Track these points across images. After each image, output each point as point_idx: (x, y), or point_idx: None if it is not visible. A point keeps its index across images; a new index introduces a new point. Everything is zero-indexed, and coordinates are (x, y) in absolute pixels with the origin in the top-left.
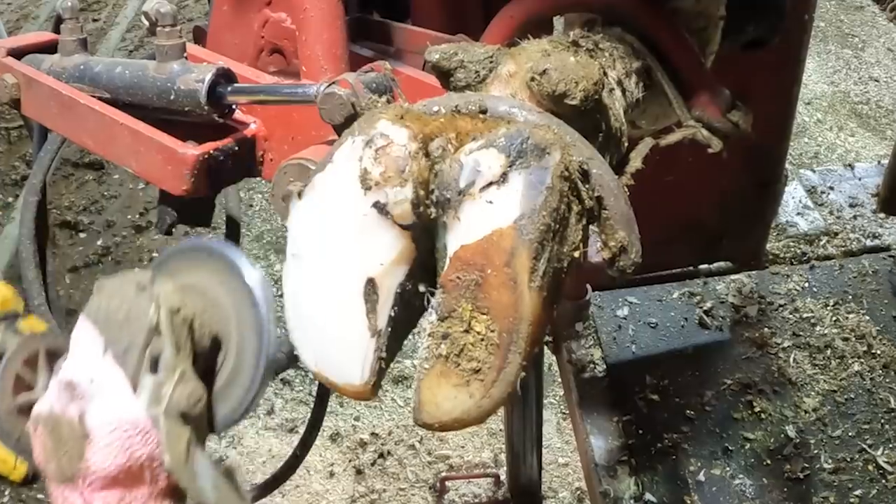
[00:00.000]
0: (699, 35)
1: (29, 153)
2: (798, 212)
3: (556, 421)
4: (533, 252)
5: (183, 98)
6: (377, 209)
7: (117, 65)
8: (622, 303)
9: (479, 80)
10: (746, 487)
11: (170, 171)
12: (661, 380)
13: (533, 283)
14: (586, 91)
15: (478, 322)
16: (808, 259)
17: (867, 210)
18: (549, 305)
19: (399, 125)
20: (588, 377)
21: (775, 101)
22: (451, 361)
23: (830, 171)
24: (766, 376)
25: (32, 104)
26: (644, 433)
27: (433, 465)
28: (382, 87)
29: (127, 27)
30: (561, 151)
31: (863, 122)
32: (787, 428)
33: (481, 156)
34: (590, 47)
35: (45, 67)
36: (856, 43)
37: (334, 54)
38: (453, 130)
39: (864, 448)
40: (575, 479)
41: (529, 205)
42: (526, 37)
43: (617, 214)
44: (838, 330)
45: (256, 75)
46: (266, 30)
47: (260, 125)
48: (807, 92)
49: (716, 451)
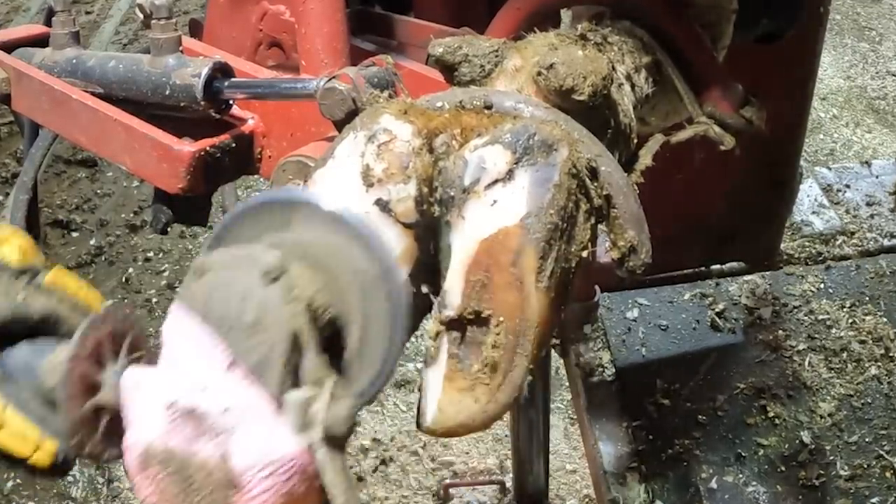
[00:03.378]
0: (711, 29)
1: (19, 150)
2: (813, 210)
3: (564, 426)
4: (540, 252)
5: (179, 93)
6: (379, 206)
7: (111, 59)
8: (632, 304)
9: (485, 74)
10: (760, 495)
11: (165, 168)
12: (671, 384)
13: (540, 283)
14: (594, 86)
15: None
16: (824, 259)
17: (885, 209)
18: (556, 307)
19: (402, 120)
20: (597, 381)
21: (789, 97)
22: (456, 365)
23: (846, 169)
24: (780, 380)
25: (23, 99)
26: (654, 439)
27: (437, 471)
28: (384, 81)
29: (121, 20)
30: (569, 148)
31: (880, 118)
32: (802, 433)
33: (486, 152)
34: (598, 41)
35: (37, 61)
36: (873, 36)
37: (335, 48)
38: (458, 126)
39: (881, 454)
40: (583, 487)
41: (536, 203)
42: (532, 30)
43: (626, 213)
44: (855, 332)
45: (254, 70)
46: (264, 23)
47: (258, 121)
48: (822, 87)
49: (728, 458)
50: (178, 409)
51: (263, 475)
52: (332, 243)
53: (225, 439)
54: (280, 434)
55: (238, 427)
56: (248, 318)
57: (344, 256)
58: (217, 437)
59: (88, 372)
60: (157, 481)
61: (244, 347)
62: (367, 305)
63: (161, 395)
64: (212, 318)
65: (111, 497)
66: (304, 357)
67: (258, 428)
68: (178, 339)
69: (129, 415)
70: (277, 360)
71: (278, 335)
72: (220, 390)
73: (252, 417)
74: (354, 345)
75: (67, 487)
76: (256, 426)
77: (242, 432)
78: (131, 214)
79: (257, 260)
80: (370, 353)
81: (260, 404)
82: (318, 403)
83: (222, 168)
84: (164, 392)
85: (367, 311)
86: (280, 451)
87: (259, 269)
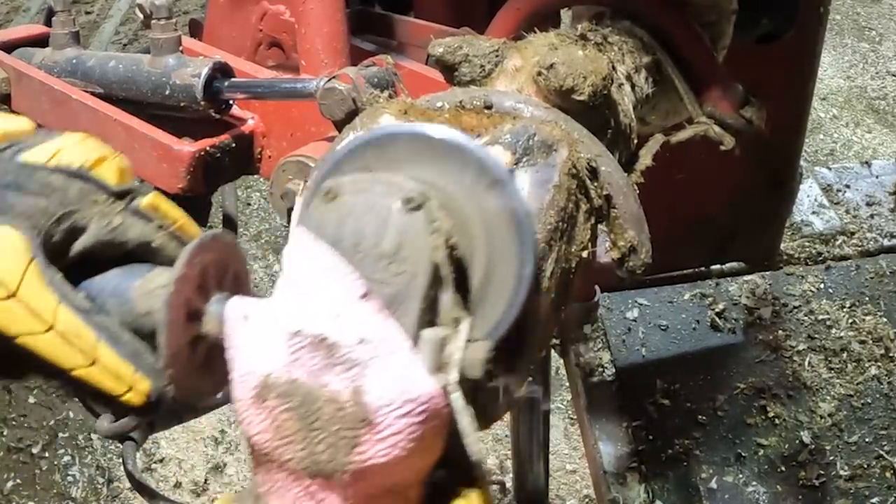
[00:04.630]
0: (711, 29)
1: None
2: (813, 210)
3: (564, 426)
4: (540, 253)
5: (178, 93)
6: None
7: (111, 59)
8: (632, 304)
9: (485, 74)
10: (760, 495)
11: (165, 168)
12: (671, 384)
13: (540, 284)
14: (595, 86)
15: None
16: (824, 259)
17: (885, 209)
18: (556, 308)
19: (403, 120)
20: (596, 381)
21: (789, 97)
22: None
23: (846, 169)
24: (780, 380)
25: (23, 99)
26: (654, 439)
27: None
28: (384, 81)
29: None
30: (568, 148)
31: (880, 118)
32: (802, 433)
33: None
34: (598, 41)
35: (37, 61)
36: (873, 36)
37: (335, 48)
38: (458, 126)
39: (881, 454)
40: (583, 487)
41: (536, 203)
42: (532, 30)
43: (626, 213)
44: (855, 332)
45: (254, 70)
46: (264, 23)
47: (258, 121)
48: (822, 87)
49: (728, 458)
50: (306, 337)
51: (399, 413)
52: (459, 182)
53: (359, 372)
54: (417, 372)
55: (373, 361)
56: (388, 246)
57: (470, 194)
58: (350, 369)
59: (192, 297)
60: (275, 415)
61: (381, 277)
62: (493, 243)
63: (283, 323)
64: (345, 243)
65: (111, 497)
66: (442, 294)
67: (395, 363)
68: (303, 266)
69: (236, 346)
70: (417, 293)
71: (420, 266)
72: (354, 320)
73: (388, 352)
74: (479, 284)
75: (67, 487)
76: (393, 361)
77: (378, 366)
78: None
79: (400, 186)
80: (496, 293)
81: (397, 338)
82: (454, 344)
83: (222, 168)
84: (287, 320)
85: (492, 250)
86: (418, 389)
87: (401, 196)
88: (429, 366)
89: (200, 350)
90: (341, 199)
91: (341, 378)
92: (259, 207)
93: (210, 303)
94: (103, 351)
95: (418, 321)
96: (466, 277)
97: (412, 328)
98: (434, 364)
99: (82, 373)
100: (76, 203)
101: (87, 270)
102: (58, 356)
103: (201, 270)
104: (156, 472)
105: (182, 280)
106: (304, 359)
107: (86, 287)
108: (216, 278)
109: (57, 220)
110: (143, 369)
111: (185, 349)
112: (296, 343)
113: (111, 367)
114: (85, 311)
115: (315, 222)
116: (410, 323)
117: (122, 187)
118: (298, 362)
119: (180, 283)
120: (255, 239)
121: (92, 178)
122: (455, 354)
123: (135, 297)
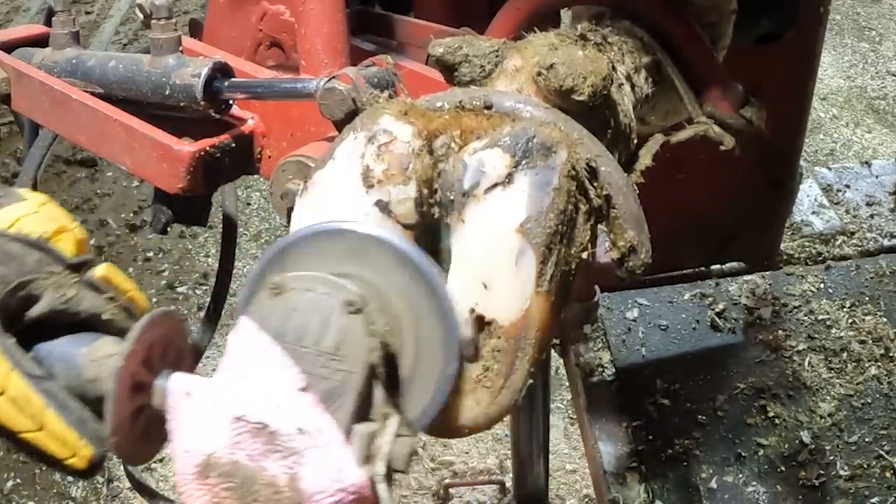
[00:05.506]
0: (711, 29)
1: (19, 150)
2: (813, 210)
3: (564, 426)
4: (540, 256)
5: (178, 93)
6: (379, 208)
7: (111, 59)
8: (632, 304)
9: (485, 74)
10: (760, 495)
11: (165, 168)
12: (671, 384)
13: (540, 287)
14: (594, 86)
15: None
16: (824, 259)
17: (885, 209)
18: (556, 309)
19: (403, 121)
20: (596, 381)
21: (789, 97)
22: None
23: (846, 169)
24: (780, 380)
25: (23, 99)
26: (654, 439)
27: (437, 471)
28: (384, 81)
29: (121, 20)
30: (567, 150)
31: (880, 118)
32: (802, 433)
33: (486, 156)
34: (598, 41)
35: (36, 61)
36: (873, 36)
37: (335, 48)
38: (458, 127)
39: (881, 454)
40: (583, 487)
41: (536, 207)
42: (532, 30)
43: (626, 214)
44: (855, 332)
45: (254, 70)
46: (264, 23)
47: (258, 121)
48: (822, 87)
49: (728, 458)
50: (248, 423)
51: (331, 501)
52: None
53: (297, 460)
54: (349, 463)
55: (309, 451)
56: (329, 344)
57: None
58: (288, 457)
59: (138, 370)
60: (216, 492)
61: (321, 372)
62: (421, 342)
63: (227, 407)
64: (288, 337)
65: (111, 497)
66: (375, 390)
67: (329, 454)
68: (246, 354)
69: (178, 420)
70: (353, 389)
71: (357, 366)
72: (293, 411)
73: (324, 443)
74: (407, 374)
75: (67, 487)
76: (327, 452)
77: (314, 456)
78: (131, 214)
79: (342, 288)
80: (423, 384)
81: (332, 431)
82: (383, 438)
83: (222, 168)
84: (231, 404)
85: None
86: (349, 479)
87: (343, 298)
88: (359, 457)
89: (142, 419)
90: (287, 295)
91: (279, 464)
92: (259, 207)
93: (158, 377)
94: (50, 418)
95: (352, 415)
96: (396, 367)
97: (346, 422)
98: (364, 456)
99: (30, 437)
100: (33, 272)
101: (38, 332)
102: (8, 420)
103: (149, 345)
104: (156, 472)
105: (131, 355)
106: (246, 443)
107: (36, 350)
108: (160, 352)
109: (13, 289)
110: (87, 436)
111: (128, 419)
112: (239, 427)
113: (57, 433)
114: (36, 378)
115: (260, 314)
116: (345, 417)
117: (77, 259)
118: (240, 445)
119: (129, 359)
120: (255, 239)
121: (50, 249)
122: (383, 448)
123: (82, 364)
